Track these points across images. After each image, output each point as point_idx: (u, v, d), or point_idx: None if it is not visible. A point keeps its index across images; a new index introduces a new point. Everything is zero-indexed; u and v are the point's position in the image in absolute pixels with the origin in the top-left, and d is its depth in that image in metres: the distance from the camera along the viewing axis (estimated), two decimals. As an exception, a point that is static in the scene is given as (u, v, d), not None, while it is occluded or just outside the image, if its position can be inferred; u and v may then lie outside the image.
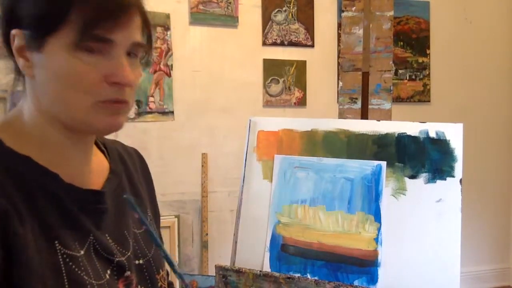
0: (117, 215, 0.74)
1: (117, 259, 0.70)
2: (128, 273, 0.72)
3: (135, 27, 0.66)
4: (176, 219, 2.55)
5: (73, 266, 0.63)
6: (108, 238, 0.71)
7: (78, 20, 0.60)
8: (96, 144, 0.79)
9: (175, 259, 2.49)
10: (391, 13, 1.35)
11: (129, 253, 0.74)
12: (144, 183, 0.87)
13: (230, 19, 2.71)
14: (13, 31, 0.63)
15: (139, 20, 0.68)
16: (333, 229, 0.90)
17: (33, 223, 0.61)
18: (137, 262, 0.76)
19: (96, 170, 0.75)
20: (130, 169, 0.84)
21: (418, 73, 3.09)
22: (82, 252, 0.65)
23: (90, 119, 0.65)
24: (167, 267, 0.82)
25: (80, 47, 0.61)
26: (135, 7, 0.66)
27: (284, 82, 2.82)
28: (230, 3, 2.69)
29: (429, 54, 3.10)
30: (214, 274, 0.90)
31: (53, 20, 0.61)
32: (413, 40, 3.07)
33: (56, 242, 0.62)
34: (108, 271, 0.68)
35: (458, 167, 0.87)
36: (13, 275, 0.57)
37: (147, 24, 0.70)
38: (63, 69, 0.62)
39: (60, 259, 0.62)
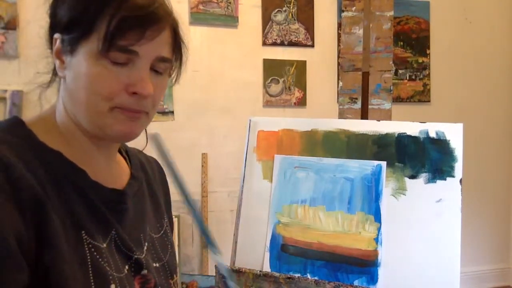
0: (135, 218, 0.76)
1: (135, 256, 0.72)
2: (145, 271, 0.74)
3: (162, 41, 0.67)
4: (176, 219, 2.55)
5: (97, 257, 0.65)
6: (127, 237, 0.73)
7: (104, 29, 0.62)
8: (119, 150, 0.82)
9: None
10: (391, 13, 1.35)
11: (144, 255, 0.75)
12: (162, 191, 0.90)
13: (230, 19, 2.71)
14: (55, 35, 0.67)
15: (169, 35, 0.69)
16: (333, 229, 0.90)
17: (62, 211, 0.63)
18: (154, 265, 0.78)
19: (118, 174, 0.77)
20: (150, 176, 0.87)
21: (418, 73, 3.09)
22: (104, 245, 0.67)
23: (106, 123, 0.67)
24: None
25: (105, 55, 0.63)
26: (165, 21, 0.67)
27: (284, 82, 2.82)
28: (230, 3, 2.69)
29: (429, 54, 3.10)
30: (214, 274, 0.90)
31: (84, 27, 0.64)
32: (413, 40, 3.07)
33: (83, 232, 0.65)
34: (127, 266, 0.70)
35: (458, 167, 0.87)
36: (44, 258, 0.59)
37: (178, 41, 0.71)
38: (87, 74, 0.64)
39: (86, 249, 0.64)
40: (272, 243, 0.92)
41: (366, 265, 0.86)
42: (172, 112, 2.63)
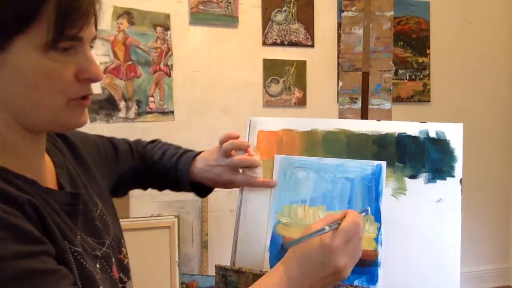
0: (83, 207, 0.73)
1: (99, 252, 0.73)
2: (117, 253, 0.75)
3: (93, 21, 0.65)
4: (176, 219, 2.55)
5: (84, 262, 0.65)
6: (86, 236, 0.72)
7: (51, 20, 0.58)
8: None
9: (175, 258, 2.49)
10: (391, 13, 1.35)
11: (105, 240, 0.76)
12: (90, 158, 0.85)
13: (230, 19, 2.71)
14: None
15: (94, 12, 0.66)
16: (333, 229, 0.89)
17: (48, 224, 0.62)
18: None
19: (48, 167, 0.72)
20: (77, 148, 0.82)
21: (418, 73, 3.09)
22: None
23: (63, 117, 0.64)
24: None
25: (53, 47, 0.59)
26: (95, 1, 0.65)
27: (284, 82, 2.82)
28: (230, 3, 2.69)
29: (429, 54, 3.10)
30: (214, 274, 0.90)
31: (22, 20, 0.58)
32: (413, 40, 3.06)
33: (66, 241, 0.64)
34: (98, 265, 0.70)
35: (458, 167, 0.87)
36: None
37: (96, 15, 0.68)
38: (34, 70, 0.59)
39: (71, 257, 0.63)
40: (272, 243, 0.92)
41: (366, 265, 0.86)
42: (172, 112, 2.63)
